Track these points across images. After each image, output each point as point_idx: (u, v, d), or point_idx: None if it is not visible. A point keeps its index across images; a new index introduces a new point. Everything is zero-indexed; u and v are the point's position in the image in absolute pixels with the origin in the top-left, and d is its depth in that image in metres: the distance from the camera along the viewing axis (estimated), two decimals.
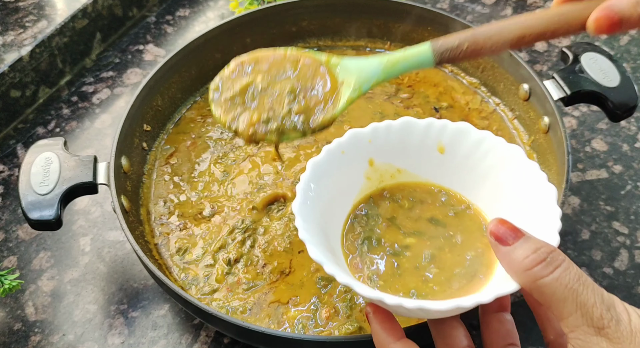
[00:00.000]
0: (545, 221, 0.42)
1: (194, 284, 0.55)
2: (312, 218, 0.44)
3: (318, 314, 0.52)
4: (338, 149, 0.48)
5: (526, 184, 0.45)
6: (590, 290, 0.35)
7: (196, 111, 0.70)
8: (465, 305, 0.37)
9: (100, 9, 0.81)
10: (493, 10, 0.86)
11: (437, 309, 0.38)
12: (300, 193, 0.45)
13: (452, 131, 0.49)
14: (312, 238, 0.42)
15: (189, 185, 0.63)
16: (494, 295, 0.37)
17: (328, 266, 0.40)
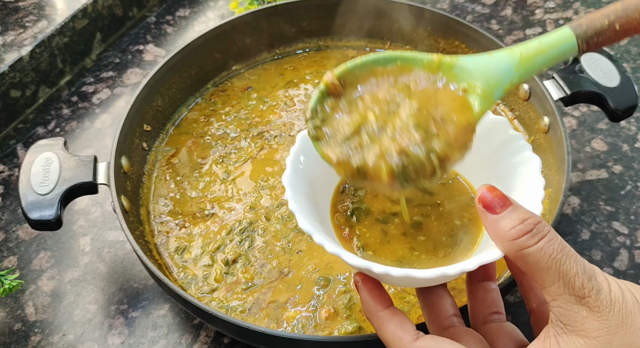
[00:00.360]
0: (529, 190, 0.42)
1: (193, 283, 0.55)
2: (302, 189, 0.44)
3: (317, 314, 0.52)
4: None
5: (512, 155, 0.45)
6: (573, 261, 0.36)
7: (198, 112, 0.70)
8: (450, 272, 0.38)
9: (101, 9, 0.81)
10: (493, 10, 0.86)
11: (423, 277, 0.38)
12: (290, 165, 0.45)
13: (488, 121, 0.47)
14: (302, 208, 0.42)
15: (189, 185, 0.63)
16: (478, 263, 0.38)
17: (317, 236, 0.40)
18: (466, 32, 0.69)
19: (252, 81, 0.73)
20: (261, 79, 0.73)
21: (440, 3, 0.87)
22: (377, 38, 0.76)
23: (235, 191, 0.62)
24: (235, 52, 0.73)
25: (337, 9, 0.74)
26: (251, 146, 0.65)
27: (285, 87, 0.71)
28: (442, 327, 0.41)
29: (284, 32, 0.75)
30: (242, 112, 0.69)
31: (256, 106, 0.69)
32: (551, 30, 0.42)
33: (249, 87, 0.72)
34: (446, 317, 0.41)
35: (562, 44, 0.40)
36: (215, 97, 0.71)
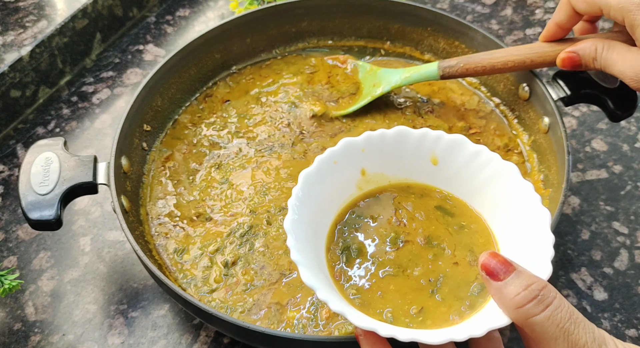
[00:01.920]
0: (538, 247, 0.41)
1: (192, 284, 0.55)
2: (304, 234, 0.44)
3: (318, 314, 0.52)
4: (331, 159, 0.47)
5: (521, 204, 0.45)
6: (582, 329, 0.35)
7: (190, 116, 0.69)
8: (458, 338, 0.37)
9: (101, 9, 0.81)
10: (493, 10, 0.86)
11: (431, 342, 0.38)
12: (291, 208, 0.44)
13: (446, 142, 0.48)
14: (305, 259, 0.41)
15: (186, 190, 0.63)
16: (486, 328, 0.38)
17: (321, 292, 0.39)
18: (466, 32, 0.69)
19: (232, 91, 0.72)
20: (234, 92, 0.72)
21: (440, 3, 0.87)
22: (377, 38, 0.76)
23: (235, 196, 0.61)
24: (235, 52, 0.73)
25: (337, 9, 0.74)
26: (250, 153, 0.65)
27: (257, 103, 0.70)
28: None
29: (284, 32, 0.75)
30: (229, 121, 0.68)
31: (241, 120, 0.68)
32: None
33: (227, 100, 0.71)
34: None
35: (429, 70, 0.64)
36: (204, 104, 0.71)
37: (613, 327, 0.56)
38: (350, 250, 0.47)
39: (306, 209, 0.45)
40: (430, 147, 0.49)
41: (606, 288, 0.58)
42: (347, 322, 0.51)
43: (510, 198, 0.46)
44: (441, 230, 0.47)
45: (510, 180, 0.46)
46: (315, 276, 0.41)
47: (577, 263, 0.60)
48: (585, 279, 0.59)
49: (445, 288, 0.44)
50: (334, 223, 0.48)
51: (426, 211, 0.49)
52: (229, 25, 0.71)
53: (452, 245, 0.47)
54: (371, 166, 0.50)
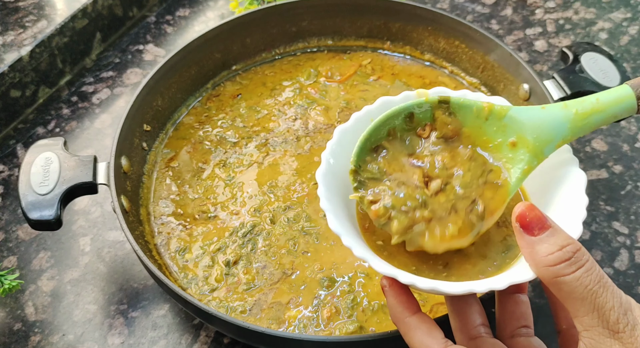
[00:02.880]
0: (571, 208, 0.40)
1: (193, 283, 0.55)
2: (335, 186, 0.43)
3: (319, 314, 0.52)
4: (367, 117, 0.45)
5: (556, 168, 0.42)
6: (610, 293, 0.35)
7: (194, 117, 0.70)
8: (478, 289, 0.37)
9: (100, 9, 0.81)
10: (493, 10, 0.86)
11: (450, 291, 0.37)
12: (325, 160, 0.43)
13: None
14: (333, 207, 0.41)
15: (190, 188, 0.63)
16: (508, 282, 0.37)
17: (346, 238, 0.39)
18: (466, 32, 0.69)
19: (243, 86, 0.72)
20: (249, 86, 0.72)
21: (440, 3, 0.87)
22: (377, 38, 0.76)
23: (239, 195, 0.61)
24: (235, 52, 0.73)
25: (337, 9, 0.74)
26: (255, 151, 0.65)
27: (272, 96, 0.71)
28: (469, 336, 0.40)
29: (284, 32, 0.75)
30: (237, 120, 0.68)
31: (250, 115, 0.69)
32: (610, 88, 0.41)
33: (239, 94, 0.71)
34: (474, 326, 0.40)
35: (622, 104, 0.40)
36: (210, 103, 0.71)
37: None
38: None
39: (339, 163, 0.44)
40: None
41: None
42: (348, 321, 0.51)
43: (546, 160, 0.43)
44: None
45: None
46: (342, 224, 0.40)
47: None
48: None
49: (471, 245, 0.42)
50: None
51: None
52: (229, 25, 0.71)
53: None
54: None
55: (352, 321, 0.51)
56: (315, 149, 0.65)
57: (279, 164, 0.64)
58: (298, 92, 0.71)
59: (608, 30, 0.83)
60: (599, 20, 0.84)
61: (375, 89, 0.71)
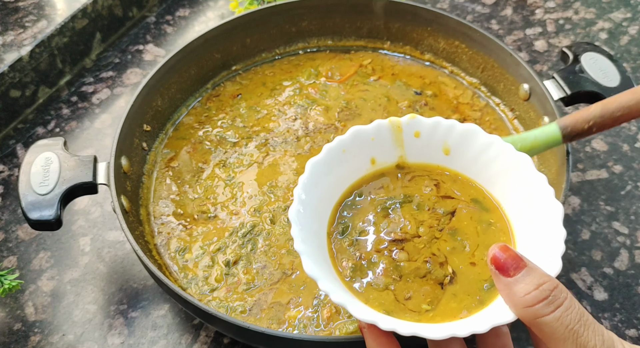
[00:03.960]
0: (549, 241, 0.41)
1: (192, 283, 0.55)
2: (309, 224, 0.42)
3: (319, 314, 0.52)
4: (339, 148, 0.46)
5: (534, 197, 0.44)
6: (591, 331, 0.35)
7: (194, 117, 0.70)
8: (461, 333, 0.37)
9: (100, 9, 0.81)
10: (493, 10, 0.86)
11: (433, 337, 0.37)
12: (297, 197, 0.43)
13: (459, 132, 0.47)
14: (308, 249, 0.40)
15: (191, 188, 0.63)
16: (490, 325, 0.37)
17: (323, 282, 0.38)
18: (466, 32, 0.69)
19: (243, 86, 0.72)
20: (249, 86, 0.72)
21: (440, 3, 0.87)
22: (377, 38, 0.76)
23: (239, 195, 0.61)
24: (235, 52, 0.73)
25: (337, 9, 0.74)
26: (255, 151, 0.65)
27: (272, 96, 0.71)
28: None
29: (284, 32, 0.75)
30: (237, 120, 0.68)
31: (250, 115, 0.69)
32: (542, 126, 0.54)
33: (239, 94, 0.71)
34: None
35: (552, 141, 0.52)
36: (210, 103, 0.71)
37: (613, 327, 0.55)
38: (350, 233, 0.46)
39: (312, 198, 0.44)
40: (443, 136, 0.47)
41: (606, 288, 0.58)
42: (348, 321, 0.51)
43: (524, 190, 0.44)
44: (471, 226, 0.45)
45: (524, 172, 0.44)
46: (319, 266, 0.40)
47: (577, 263, 0.60)
48: (586, 279, 0.59)
49: (457, 285, 0.43)
50: (335, 206, 0.47)
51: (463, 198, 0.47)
52: (229, 25, 0.71)
53: (474, 244, 0.45)
54: (381, 156, 0.48)
55: (352, 321, 0.51)
56: (315, 149, 0.65)
57: (279, 164, 0.64)
58: (298, 92, 0.71)
59: (608, 30, 0.83)
60: (599, 20, 0.84)
61: (375, 89, 0.70)
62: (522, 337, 0.55)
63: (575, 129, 0.51)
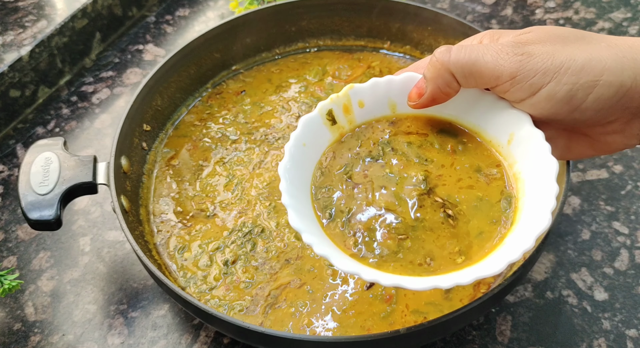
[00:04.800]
0: (542, 195, 0.40)
1: (192, 282, 0.55)
2: (299, 180, 0.43)
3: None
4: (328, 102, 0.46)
5: (530, 150, 0.43)
6: None
7: (195, 115, 0.70)
8: (443, 285, 0.37)
9: (100, 9, 0.81)
10: (493, 10, 0.86)
11: (415, 288, 0.37)
12: (288, 153, 0.43)
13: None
14: (296, 203, 0.40)
15: (191, 186, 0.63)
16: (473, 277, 0.37)
17: (306, 235, 0.39)
18: (466, 32, 0.69)
19: (246, 84, 0.73)
20: (253, 83, 0.73)
21: (440, 3, 0.87)
22: (377, 38, 0.76)
23: (239, 193, 0.61)
24: (235, 52, 0.73)
25: (337, 8, 0.74)
26: (255, 149, 0.65)
27: (277, 92, 0.71)
28: None
29: (284, 32, 0.75)
30: (239, 116, 0.69)
31: (253, 111, 0.69)
32: None
33: (243, 91, 0.71)
34: None
35: None
36: (212, 101, 0.71)
37: (613, 327, 0.55)
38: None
39: (303, 155, 0.44)
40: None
41: (606, 288, 0.58)
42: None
43: (521, 143, 0.44)
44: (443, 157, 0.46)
45: (521, 127, 0.44)
46: (303, 220, 0.40)
47: (577, 263, 0.60)
48: (586, 279, 0.59)
49: (465, 218, 0.43)
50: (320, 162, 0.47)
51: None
52: (229, 25, 0.71)
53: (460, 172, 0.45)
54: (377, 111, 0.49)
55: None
56: None
57: (279, 162, 0.64)
58: (304, 90, 0.71)
59: (608, 30, 0.83)
60: (599, 20, 0.84)
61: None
62: (522, 338, 0.55)
63: None
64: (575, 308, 0.57)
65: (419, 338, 0.45)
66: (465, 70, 0.41)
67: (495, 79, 0.40)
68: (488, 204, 0.43)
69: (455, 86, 0.42)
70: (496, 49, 0.40)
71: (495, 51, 0.40)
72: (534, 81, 0.39)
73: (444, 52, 0.41)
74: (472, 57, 0.40)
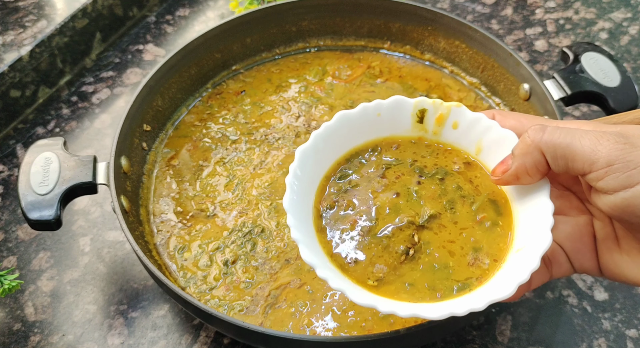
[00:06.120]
0: (539, 216, 0.41)
1: (192, 282, 0.55)
2: (303, 212, 0.43)
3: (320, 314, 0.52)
4: (326, 134, 0.46)
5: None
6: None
7: (195, 115, 0.70)
8: (459, 311, 0.37)
9: (101, 9, 0.81)
10: (493, 10, 0.86)
11: (432, 317, 0.37)
12: (289, 186, 0.43)
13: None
14: (304, 237, 0.41)
15: (191, 186, 0.63)
16: (487, 302, 0.37)
17: (320, 269, 0.39)
18: (466, 32, 0.69)
19: (246, 84, 0.73)
20: (253, 83, 0.73)
21: (441, 3, 0.87)
22: (377, 38, 0.76)
23: (239, 193, 0.61)
24: (235, 52, 0.73)
25: (337, 9, 0.74)
26: (255, 149, 0.65)
27: (277, 92, 0.71)
28: None
29: (284, 32, 0.75)
30: (239, 116, 0.69)
31: (253, 111, 0.69)
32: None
33: (243, 91, 0.71)
34: None
35: None
36: (212, 101, 0.71)
37: (613, 327, 0.55)
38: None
39: (304, 185, 0.44)
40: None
41: (606, 288, 0.58)
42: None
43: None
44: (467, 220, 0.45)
45: (509, 148, 0.44)
46: (315, 254, 0.40)
47: None
48: (586, 279, 0.59)
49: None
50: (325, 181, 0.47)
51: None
52: (229, 25, 0.71)
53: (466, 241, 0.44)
54: (369, 137, 0.48)
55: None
56: None
57: (279, 162, 0.64)
58: (304, 90, 0.71)
59: (608, 30, 0.83)
60: (599, 20, 0.84)
61: (382, 90, 0.71)
62: (522, 338, 0.55)
63: None
64: (575, 308, 0.57)
65: (419, 338, 0.45)
66: (557, 151, 0.38)
67: (589, 165, 0.37)
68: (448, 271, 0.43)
69: (544, 167, 0.40)
70: (596, 134, 0.37)
71: (595, 136, 0.37)
72: (632, 173, 0.36)
73: (537, 130, 0.39)
74: (567, 139, 0.38)
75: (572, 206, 0.43)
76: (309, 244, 0.41)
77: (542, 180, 0.41)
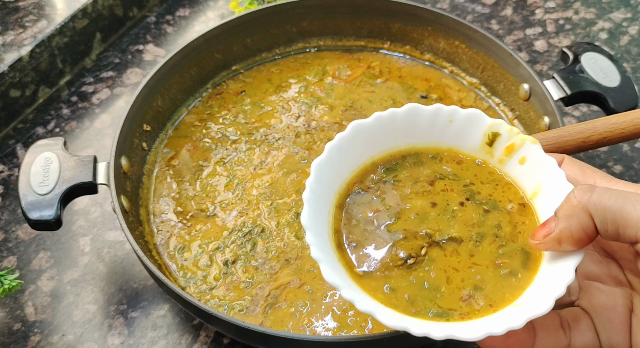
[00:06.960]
0: (553, 283, 0.39)
1: (192, 281, 0.55)
2: (322, 228, 0.41)
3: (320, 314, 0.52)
4: (340, 144, 0.45)
5: (544, 182, 0.42)
6: None
7: (195, 116, 0.70)
8: (497, 331, 0.35)
9: (101, 9, 0.81)
10: (493, 10, 0.86)
11: (468, 338, 0.36)
12: (307, 202, 0.41)
13: (462, 116, 0.45)
14: (325, 256, 0.39)
15: (191, 186, 0.63)
16: (525, 319, 0.35)
17: (345, 290, 0.37)
18: (466, 32, 0.69)
19: (246, 84, 0.73)
20: (253, 83, 0.73)
21: (440, 3, 0.87)
22: (377, 38, 0.76)
23: (239, 193, 0.61)
24: (235, 52, 0.73)
25: (337, 9, 0.74)
26: (255, 149, 0.65)
27: (277, 92, 0.71)
28: None
29: (284, 32, 0.75)
30: (239, 116, 0.69)
31: (253, 111, 0.69)
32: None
33: (243, 91, 0.72)
34: None
35: None
36: (212, 101, 0.71)
37: None
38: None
39: (322, 200, 0.43)
40: (445, 123, 0.46)
41: None
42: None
43: (532, 176, 0.43)
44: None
45: (533, 156, 0.43)
46: (338, 273, 0.38)
47: None
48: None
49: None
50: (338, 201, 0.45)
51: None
52: (229, 25, 0.71)
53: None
54: (384, 146, 0.47)
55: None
56: (313, 147, 0.65)
57: (279, 162, 0.64)
58: (304, 90, 0.71)
59: (608, 30, 0.83)
60: (599, 20, 0.84)
61: (382, 91, 0.71)
62: None
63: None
64: None
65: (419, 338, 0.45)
66: (607, 215, 0.34)
67: None
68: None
69: (592, 232, 0.36)
70: None
71: None
72: None
73: (585, 190, 0.35)
74: (619, 202, 0.34)
75: (610, 275, 0.40)
76: (330, 262, 0.39)
77: (567, 185, 0.40)
